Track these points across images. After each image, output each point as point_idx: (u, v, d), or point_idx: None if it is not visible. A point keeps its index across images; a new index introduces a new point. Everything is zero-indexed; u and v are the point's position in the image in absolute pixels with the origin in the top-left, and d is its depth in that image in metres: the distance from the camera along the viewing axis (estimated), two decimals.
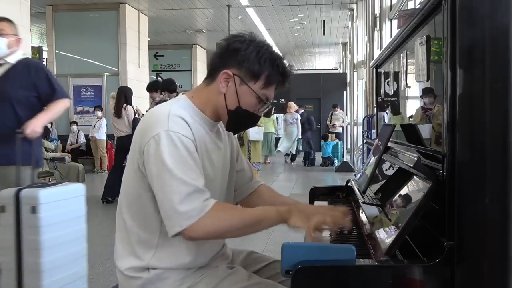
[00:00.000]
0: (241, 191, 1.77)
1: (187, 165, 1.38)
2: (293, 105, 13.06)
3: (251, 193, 1.79)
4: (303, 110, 13.81)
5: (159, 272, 1.47)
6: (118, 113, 6.90)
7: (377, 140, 2.12)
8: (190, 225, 1.34)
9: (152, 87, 7.01)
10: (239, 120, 1.54)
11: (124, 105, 6.90)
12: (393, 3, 8.47)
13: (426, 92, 1.70)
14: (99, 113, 11.25)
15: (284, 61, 1.53)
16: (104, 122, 11.18)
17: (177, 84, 6.85)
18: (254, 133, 8.40)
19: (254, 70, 1.48)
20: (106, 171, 10.62)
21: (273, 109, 13.19)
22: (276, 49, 1.56)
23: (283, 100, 15.80)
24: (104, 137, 11.21)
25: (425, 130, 1.71)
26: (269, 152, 12.86)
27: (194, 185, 1.36)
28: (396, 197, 1.57)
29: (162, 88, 6.71)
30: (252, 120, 1.56)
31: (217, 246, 1.60)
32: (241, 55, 1.48)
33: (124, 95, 6.99)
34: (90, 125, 11.37)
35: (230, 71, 1.48)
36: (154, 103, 7.05)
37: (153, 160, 1.38)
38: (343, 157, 12.08)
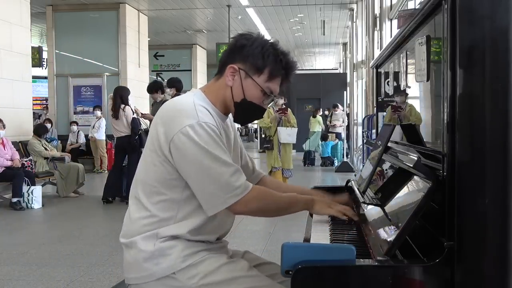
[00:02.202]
0: None
1: (223, 150, 1.50)
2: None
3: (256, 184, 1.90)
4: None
5: (164, 245, 1.52)
6: (115, 114, 6.88)
7: (377, 140, 2.12)
8: (235, 202, 1.48)
9: (152, 88, 6.98)
10: (245, 112, 1.65)
11: (122, 106, 6.87)
12: (393, 3, 8.47)
13: (397, 91, 1.69)
14: (98, 113, 11.24)
15: (289, 57, 1.63)
16: (103, 122, 11.17)
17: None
18: (286, 135, 7.15)
19: (258, 64, 1.58)
20: (106, 171, 10.62)
21: (320, 110, 14.17)
22: (282, 47, 1.65)
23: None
24: (103, 137, 11.20)
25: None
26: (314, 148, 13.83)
27: (235, 166, 1.50)
28: (396, 197, 1.57)
29: (169, 85, 6.72)
30: (258, 112, 1.66)
31: (224, 228, 1.68)
32: (246, 50, 1.59)
33: (119, 96, 6.95)
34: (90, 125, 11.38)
35: (236, 65, 1.60)
36: (156, 103, 7.04)
37: (189, 149, 1.47)
38: (343, 157, 12.08)
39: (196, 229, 1.55)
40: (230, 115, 1.71)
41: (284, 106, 7.40)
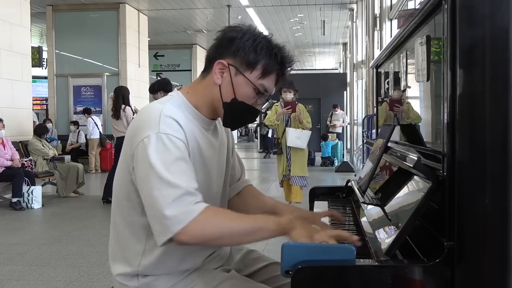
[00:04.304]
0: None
1: (178, 167, 1.30)
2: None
3: (236, 194, 1.71)
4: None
5: (148, 280, 1.44)
6: (116, 114, 6.87)
7: (377, 140, 2.12)
8: (179, 230, 1.25)
9: (154, 88, 6.97)
10: (236, 114, 1.46)
11: (123, 106, 6.86)
12: (393, 3, 8.48)
13: (395, 87, 1.64)
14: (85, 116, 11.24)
15: (285, 51, 1.45)
16: (90, 121, 11.00)
17: (176, 84, 6.80)
18: (294, 137, 5.77)
19: (250, 59, 1.40)
20: (100, 171, 10.62)
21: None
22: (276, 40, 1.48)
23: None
24: (95, 136, 11.05)
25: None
26: None
27: (183, 188, 1.27)
28: (396, 197, 1.57)
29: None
30: (250, 113, 1.47)
31: (210, 248, 1.54)
32: (236, 44, 1.41)
33: (121, 96, 6.94)
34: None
35: (225, 61, 1.42)
36: None
37: (141, 164, 1.31)
38: (343, 157, 12.08)
39: (170, 261, 1.43)
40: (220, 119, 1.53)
41: (294, 100, 5.94)
